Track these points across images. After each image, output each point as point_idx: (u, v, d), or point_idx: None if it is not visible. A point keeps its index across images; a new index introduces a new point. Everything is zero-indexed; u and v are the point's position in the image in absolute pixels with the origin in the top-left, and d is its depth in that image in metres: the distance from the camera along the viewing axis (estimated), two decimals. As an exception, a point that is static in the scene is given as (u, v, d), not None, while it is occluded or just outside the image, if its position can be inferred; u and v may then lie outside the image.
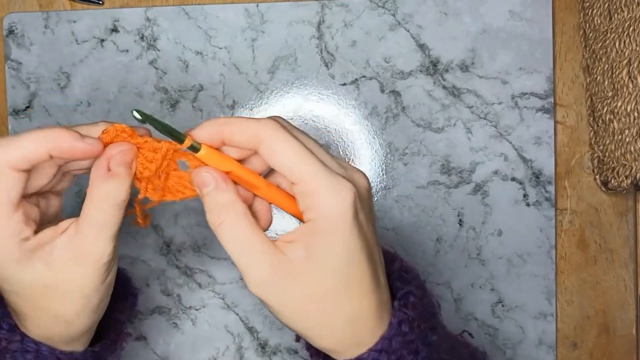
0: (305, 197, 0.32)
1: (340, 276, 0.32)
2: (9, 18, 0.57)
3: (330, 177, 0.32)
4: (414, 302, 0.35)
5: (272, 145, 0.32)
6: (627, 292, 0.56)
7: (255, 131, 0.32)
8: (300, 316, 0.33)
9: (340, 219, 0.32)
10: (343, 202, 0.32)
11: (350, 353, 0.34)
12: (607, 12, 0.52)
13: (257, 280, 0.32)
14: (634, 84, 0.48)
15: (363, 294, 0.33)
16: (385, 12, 0.56)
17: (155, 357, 0.57)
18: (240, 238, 0.33)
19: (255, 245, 0.32)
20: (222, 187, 0.33)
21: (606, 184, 0.54)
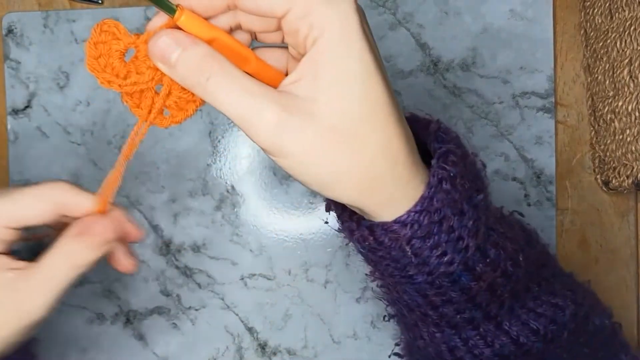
0: (301, 20, 0.27)
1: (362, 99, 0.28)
2: (8, 17, 0.56)
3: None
4: (455, 160, 0.30)
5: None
6: (629, 293, 0.56)
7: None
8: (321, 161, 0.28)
9: (347, 29, 0.27)
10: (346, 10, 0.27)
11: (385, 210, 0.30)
12: (608, 12, 0.52)
13: (269, 126, 0.27)
14: (635, 84, 0.48)
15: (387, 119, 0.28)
16: (385, 11, 0.56)
17: (155, 357, 0.57)
18: (237, 88, 0.28)
19: (256, 89, 0.28)
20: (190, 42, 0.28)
21: (607, 184, 0.54)
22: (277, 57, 0.32)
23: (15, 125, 0.57)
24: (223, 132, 0.56)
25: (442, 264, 0.30)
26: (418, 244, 0.30)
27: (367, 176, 0.29)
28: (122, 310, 0.57)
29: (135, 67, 0.30)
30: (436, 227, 0.29)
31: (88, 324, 0.57)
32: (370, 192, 0.29)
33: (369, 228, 0.30)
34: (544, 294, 0.36)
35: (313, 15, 0.27)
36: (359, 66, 0.27)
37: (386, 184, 0.29)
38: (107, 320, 0.57)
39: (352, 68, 0.27)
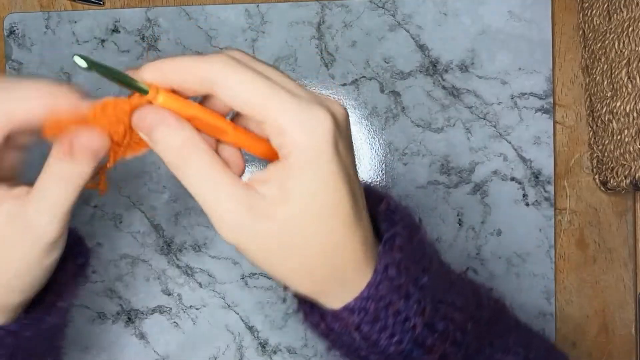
0: (276, 134, 0.29)
1: (317, 206, 0.29)
2: (10, 18, 0.57)
3: (300, 107, 0.28)
4: (401, 244, 0.32)
5: (227, 84, 0.28)
6: (627, 292, 0.57)
7: (206, 71, 0.28)
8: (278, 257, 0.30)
9: (318, 150, 0.28)
10: (318, 131, 0.28)
11: (336, 298, 0.31)
12: (606, 13, 0.52)
13: (232, 223, 0.29)
14: (633, 84, 0.48)
15: (343, 225, 0.30)
16: (385, 12, 0.56)
17: (156, 356, 0.57)
18: (209, 178, 0.29)
19: (227, 185, 0.29)
20: (175, 124, 0.29)
21: (605, 184, 0.54)
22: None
23: (17, 125, 0.57)
24: (223, 132, 0.57)
25: (392, 344, 0.32)
26: (367, 329, 0.31)
27: (321, 275, 0.31)
28: (124, 309, 0.57)
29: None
30: (383, 311, 0.31)
31: (89, 322, 0.57)
32: (322, 286, 0.31)
33: (321, 315, 0.32)
34: (497, 352, 0.37)
35: (287, 133, 0.28)
36: (323, 188, 0.29)
37: (337, 279, 0.31)
38: (109, 319, 0.57)
39: (316, 189, 0.29)
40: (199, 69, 0.28)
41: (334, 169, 0.29)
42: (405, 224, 0.33)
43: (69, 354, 0.57)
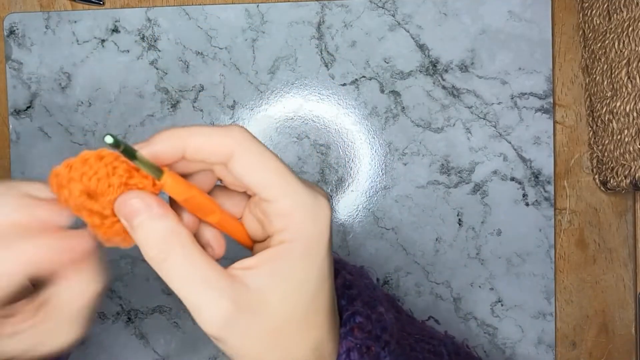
0: (280, 216, 0.28)
1: (309, 300, 0.29)
2: (10, 18, 0.57)
3: (308, 195, 0.28)
4: (361, 323, 0.32)
5: (246, 159, 0.28)
6: (627, 292, 0.57)
7: (226, 143, 0.28)
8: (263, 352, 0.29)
9: (318, 239, 0.28)
10: (322, 222, 0.28)
11: None
12: (606, 13, 0.52)
13: (217, 320, 0.27)
14: (633, 84, 0.48)
15: (326, 319, 0.30)
16: (385, 12, 0.56)
17: (156, 356, 0.57)
18: (191, 274, 0.27)
19: (211, 280, 0.27)
20: (159, 213, 0.28)
21: (605, 184, 0.54)
22: (236, 202, 0.32)
23: (17, 125, 0.57)
24: (223, 132, 0.57)
25: None
26: None
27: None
28: (124, 309, 0.57)
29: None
30: None
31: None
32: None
33: None
34: None
35: (293, 218, 0.28)
36: (315, 277, 0.29)
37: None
38: (109, 319, 0.57)
39: (309, 277, 0.28)
40: (220, 139, 0.28)
41: (326, 259, 0.29)
42: (364, 300, 0.33)
43: (69, 353, 0.57)
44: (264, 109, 0.57)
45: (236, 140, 0.28)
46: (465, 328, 0.56)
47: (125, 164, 0.27)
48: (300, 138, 0.57)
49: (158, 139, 0.28)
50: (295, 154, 0.57)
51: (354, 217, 0.57)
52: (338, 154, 0.57)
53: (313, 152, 0.57)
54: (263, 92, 0.57)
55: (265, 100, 0.57)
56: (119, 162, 0.27)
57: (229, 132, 0.28)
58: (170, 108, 0.57)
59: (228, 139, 0.28)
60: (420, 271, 0.56)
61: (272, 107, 0.57)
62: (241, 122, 0.57)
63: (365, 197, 0.56)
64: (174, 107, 0.57)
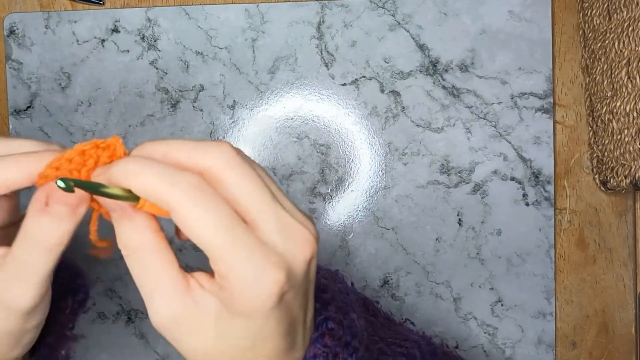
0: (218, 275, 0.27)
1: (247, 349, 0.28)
2: (10, 18, 0.57)
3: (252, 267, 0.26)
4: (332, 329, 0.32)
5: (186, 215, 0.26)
6: (627, 292, 0.57)
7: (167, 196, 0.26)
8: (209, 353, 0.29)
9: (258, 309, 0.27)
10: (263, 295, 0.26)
11: None
12: (606, 13, 0.52)
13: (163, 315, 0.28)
14: (633, 84, 0.48)
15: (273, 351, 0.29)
16: (385, 12, 0.56)
17: (156, 356, 0.57)
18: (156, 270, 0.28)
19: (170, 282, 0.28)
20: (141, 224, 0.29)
21: (605, 184, 0.54)
22: None
23: (17, 125, 0.57)
24: (224, 132, 0.57)
25: None
26: None
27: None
28: (124, 309, 0.57)
29: None
30: None
31: (90, 322, 0.57)
32: None
33: None
34: None
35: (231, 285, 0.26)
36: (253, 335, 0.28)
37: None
38: (109, 319, 0.57)
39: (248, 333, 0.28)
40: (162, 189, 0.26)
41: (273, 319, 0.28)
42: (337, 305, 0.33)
43: (69, 353, 0.57)
44: (264, 109, 0.57)
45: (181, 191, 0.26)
46: (465, 328, 0.56)
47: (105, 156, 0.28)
48: (300, 138, 0.57)
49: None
50: (295, 154, 0.56)
51: (354, 217, 0.57)
52: (338, 154, 0.57)
53: (313, 152, 0.57)
54: (263, 92, 0.57)
55: (265, 100, 0.57)
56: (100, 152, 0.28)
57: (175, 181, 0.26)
58: (170, 108, 0.57)
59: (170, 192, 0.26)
60: (420, 271, 0.56)
61: (272, 107, 0.57)
62: (241, 122, 0.57)
63: (365, 197, 0.56)
64: (174, 107, 0.57)
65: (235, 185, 0.27)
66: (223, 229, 0.26)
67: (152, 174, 0.26)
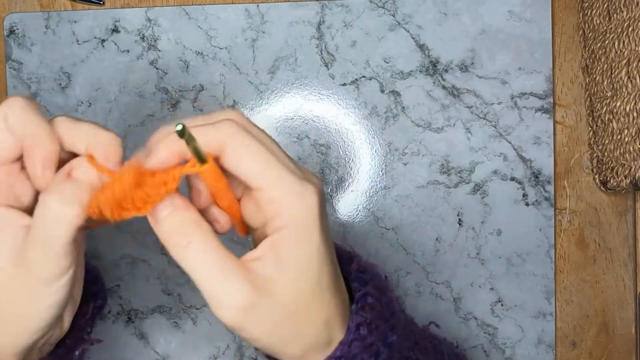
0: (271, 204, 0.30)
1: (315, 281, 0.31)
2: (10, 18, 0.57)
3: (295, 182, 0.30)
4: (372, 303, 0.34)
5: (235, 152, 0.30)
6: (627, 292, 0.57)
7: (217, 138, 0.30)
8: (277, 333, 0.31)
9: (310, 223, 0.30)
10: (311, 206, 0.30)
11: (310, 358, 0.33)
12: (606, 13, 0.52)
13: (238, 305, 0.29)
14: (633, 84, 0.48)
15: (332, 295, 0.32)
16: (385, 12, 0.56)
17: (157, 356, 0.57)
18: (212, 261, 0.29)
19: (230, 267, 0.29)
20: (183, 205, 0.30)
21: (605, 184, 0.54)
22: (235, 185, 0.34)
23: (17, 125, 0.57)
24: (223, 132, 0.57)
25: None
26: None
27: (309, 341, 0.32)
28: (124, 309, 0.57)
29: None
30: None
31: (90, 322, 0.57)
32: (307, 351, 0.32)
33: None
34: None
35: (283, 204, 0.30)
36: (315, 259, 0.31)
37: (320, 343, 0.32)
38: (109, 318, 0.57)
39: (309, 260, 0.31)
40: (211, 134, 0.30)
41: (322, 241, 0.31)
42: (376, 284, 0.35)
43: (69, 353, 0.57)
44: (264, 109, 0.57)
45: (226, 134, 0.30)
46: (465, 328, 0.56)
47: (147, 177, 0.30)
48: (300, 138, 0.57)
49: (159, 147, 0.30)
50: (295, 154, 0.57)
51: (354, 217, 0.57)
52: (338, 154, 0.57)
53: (313, 152, 0.57)
54: (263, 92, 0.57)
55: (265, 100, 0.57)
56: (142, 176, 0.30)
57: (219, 126, 0.30)
58: (170, 108, 0.57)
59: (218, 134, 0.30)
60: (420, 271, 0.56)
61: (272, 107, 0.57)
62: (241, 122, 0.57)
63: (365, 197, 0.56)
64: (174, 107, 0.57)
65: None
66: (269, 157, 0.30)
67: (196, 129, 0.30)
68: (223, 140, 0.30)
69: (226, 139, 0.30)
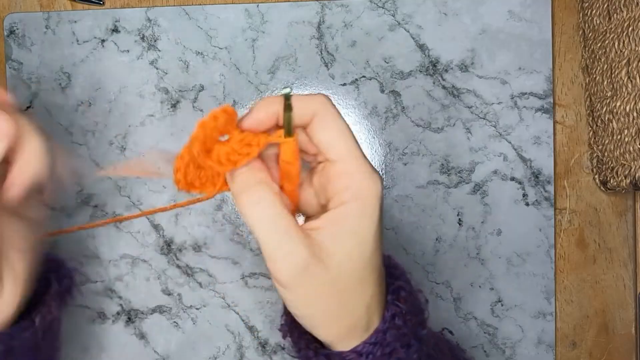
0: (343, 176, 0.32)
1: (367, 260, 0.32)
2: (10, 18, 0.57)
3: (368, 164, 0.33)
4: (405, 296, 0.35)
5: (324, 119, 0.33)
6: (626, 292, 0.57)
7: (311, 106, 0.33)
8: (321, 304, 0.32)
9: (373, 203, 0.32)
10: (375, 189, 0.32)
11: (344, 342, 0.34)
12: (606, 13, 0.52)
13: (293, 263, 0.31)
14: (633, 84, 0.48)
15: (377, 281, 0.34)
16: (385, 12, 0.56)
17: (157, 355, 0.57)
18: (278, 221, 0.31)
19: (293, 229, 0.31)
20: (259, 167, 0.33)
21: (605, 184, 0.54)
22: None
23: (17, 125, 0.57)
24: (223, 132, 0.57)
25: None
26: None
27: (347, 322, 0.33)
28: (124, 309, 0.57)
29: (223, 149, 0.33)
30: (385, 358, 0.33)
31: (89, 322, 0.57)
32: (343, 332, 0.33)
33: (327, 357, 0.34)
34: None
35: (352, 181, 0.32)
36: (372, 238, 0.32)
37: (357, 327, 0.33)
38: (109, 319, 0.57)
39: (366, 239, 0.32)
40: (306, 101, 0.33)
41: (379, 224, 0.33)
42: (406, 279, 0.36)
43: (69, 354, 0.57)
44: (264, 109, 0.57)
45: (320, 103, 0.33)
46: (465, 328, 0.56)
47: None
48: (300, 138, 0.57)
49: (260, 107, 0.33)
50: (295, 154, 0.57)
51: (354, 217, 0.57)
52: (338, 154, 0.57)
53: (313, 152, 0.57)
54: (263, 92, 0.57)
55: (265, 100, 0.57)
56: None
57: (315, 97, 0.34)
58: (170, 108, 0.57)
59: (313, 103, 0.33)
60: (420, 271, 0.56)
61: (272, 107, 0.57)
62: (241, 122, 0.57)
63: (365, 197, 0.56)
64: (174, 106, 0.57)
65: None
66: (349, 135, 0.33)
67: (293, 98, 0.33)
68: (316, 109, 0.33)
69: (319, 108, 0.33)
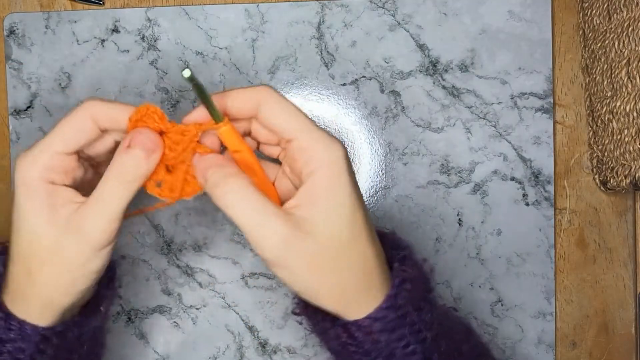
0: (303, 151, 0.34)
1: (349, 222, 0.34)
2: (9, 18, 0.57)
3: (324, 134, 0.35)
4: (412, 264, 0.36)
5: (271, 106, 0.35)
6: (627, 292, 0.57)
7: (254, 97, 0.35)
8: (316, 273, 0.33)
9: (339, 166, 0.34)
10: (337, 153, 0.34)
11: (358, 312, 0.35)
12: (606, 12, 0.52)
13: (275, 241, 0.32)
14: (633, 84, 0.48)
15: (369, 244, 0.35)
16: (385, 12, 0.56)
17: (156, 356, 0.57)
18: (250, 202, 0.33)
19: (268, 207, 0.33)
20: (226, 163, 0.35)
21: (605, 184, 0.55)
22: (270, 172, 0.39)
23: (17, 125, 0.57)
24: (223, 132, 0.57)
25: (407, 354, 0.35)
26: (386, 337, 0.35)
27: (348, 288, 0.34)
28: (124, 309, 0.57)
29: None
30: (400, 321, 0.35)
31: (90, 322, 0.57)
32: (348, 300, 0.35)
33: (343, 326, 0.35)
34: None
35: (313, 151, 0.34)
36: (347, 199, 0.34)
37: (361, 292, 0.35)
38: (109, 318, 0.57)
39: (341, 201, 0.34)
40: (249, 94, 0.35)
41: (352, 185, 0.34)
42: (412, 250, 0.38)
43: (69, 353, 0.57)
44: (264, 109, 0.57)
45: (262, 93, 0.35)
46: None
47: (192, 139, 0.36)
48: (300, 138, 0.57)
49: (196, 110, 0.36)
50: (295, 154, 0.57)
51: (354, 217, 0.57)
52: (338, 154, 0.57)
53: (313, 152, 0.57)
54: (263, 92, 0.57)
55: (265, 100, 0.57)
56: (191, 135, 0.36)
57: (257, 88, 0.36)
58: (171, 108, 0.57)
59: (255, 93, 0.35)
60: (420, 271, 0.56)
61: (272, 107, 0.57)
62: (241, 122, 0.57)
63: (365, 197, 0.56)
64: (174, 107, 0.57)
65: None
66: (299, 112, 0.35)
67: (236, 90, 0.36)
68: (259, 99, 0.35)
69: (262, 97, 0.35)
